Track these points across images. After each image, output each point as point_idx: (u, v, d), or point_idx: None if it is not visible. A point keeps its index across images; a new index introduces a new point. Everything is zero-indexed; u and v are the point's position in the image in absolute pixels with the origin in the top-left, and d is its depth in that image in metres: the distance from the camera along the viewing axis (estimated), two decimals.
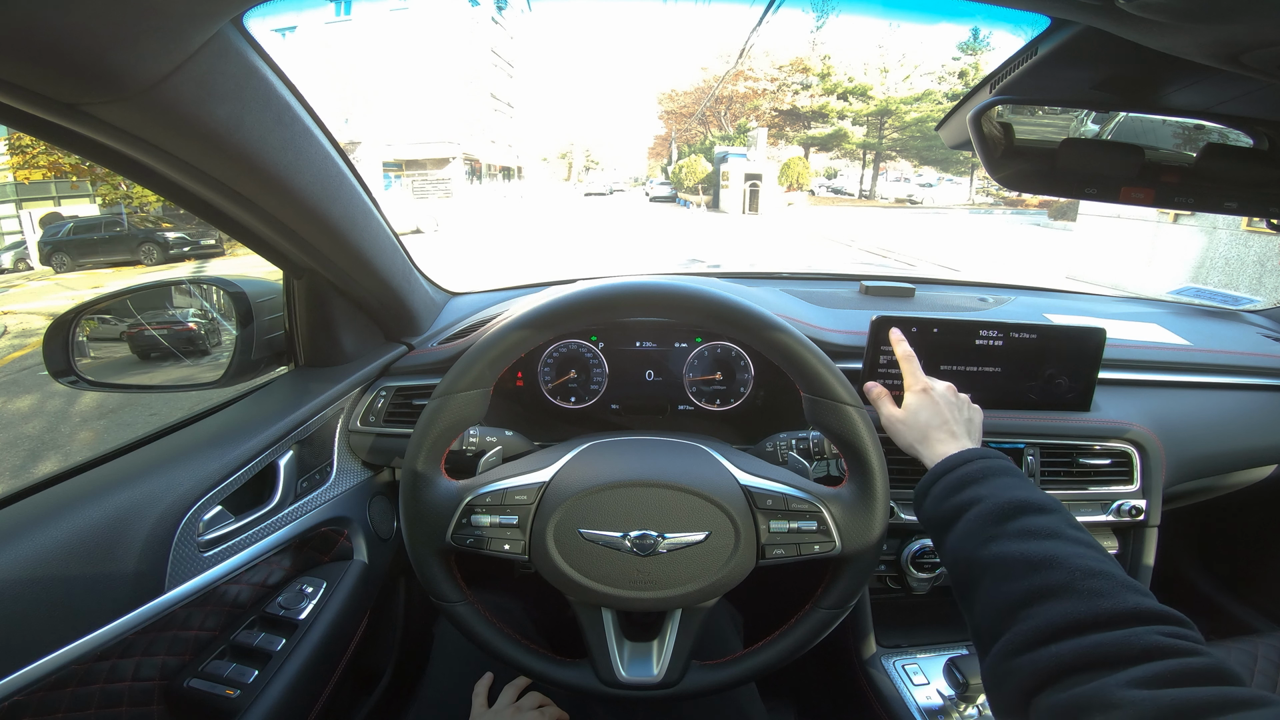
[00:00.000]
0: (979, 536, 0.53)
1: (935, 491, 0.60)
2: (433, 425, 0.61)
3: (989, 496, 0.55)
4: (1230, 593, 1.32)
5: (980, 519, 0.54)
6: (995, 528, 0.52)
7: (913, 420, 0.68)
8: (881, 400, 0.73)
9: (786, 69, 34.29)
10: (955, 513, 0.56)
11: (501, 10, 33.37)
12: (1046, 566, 0.47)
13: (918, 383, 0.70)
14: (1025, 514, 0.52)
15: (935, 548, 0.59)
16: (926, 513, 0.61)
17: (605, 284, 0.62)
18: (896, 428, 0.70)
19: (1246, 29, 0.44)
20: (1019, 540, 0.50)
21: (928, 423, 0.66)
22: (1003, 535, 0.52)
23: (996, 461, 0.59)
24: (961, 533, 0.55)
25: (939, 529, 0.58)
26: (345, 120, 26.82)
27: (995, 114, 0.74)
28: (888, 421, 0.71)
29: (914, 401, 0.69)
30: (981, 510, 0.54)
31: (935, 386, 0.70)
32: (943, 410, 0.67)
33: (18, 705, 0.52)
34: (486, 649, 0.66)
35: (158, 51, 0.43)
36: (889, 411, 0.71)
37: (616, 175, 50.45)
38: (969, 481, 0.58)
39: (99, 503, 0.60)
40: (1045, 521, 0.51)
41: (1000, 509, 0.53)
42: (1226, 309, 1.33)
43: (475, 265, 9.78)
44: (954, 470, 0.59)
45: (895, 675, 0.86)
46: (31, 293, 8.66)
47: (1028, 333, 0.82)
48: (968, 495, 0.56)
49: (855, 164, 33.48)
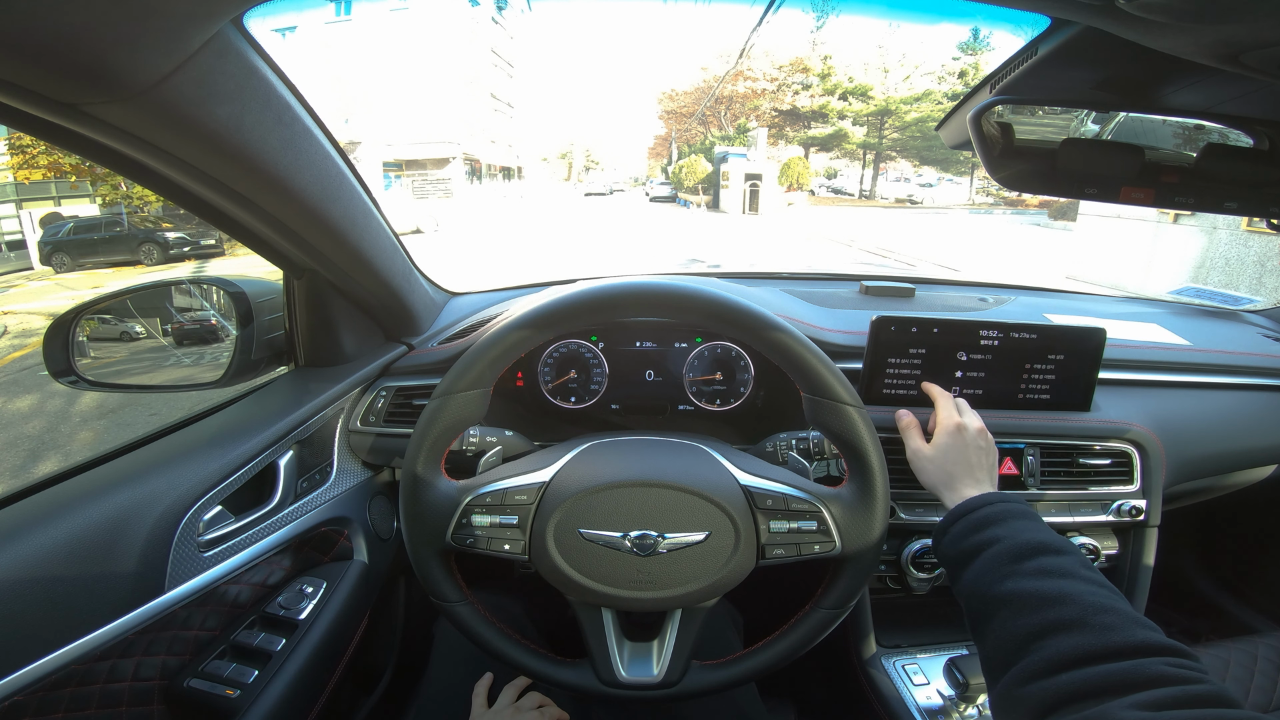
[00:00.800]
0: (995, 574, 0.55)
1: (955, 530, 0.61)
2: (433, 425, 0.61)
3: (1007, 537, 0.57)
4: (1230, 593, 1.32)
5: (997, 557, 0.56)
6: (1011, 566, 0.54)
7: (940, 460, 0.69)
8: (910, 432, 0.74)
9: (786, 69, 34.31)
10: (974, 551, 0.58)
11: (501, 10, 33.37)
12: (1060, 603, 0.49)
13: (951, 421, 0.71)
14: (1042, 554, 0.54)
15: (950, 583, 0.61)
16: (945, 550, 0.62)
17: (605, 284, 0.62)
18: (923, 465, 0.70)
19: (1246, 29, 0.44)
20: (1034, 578, 0.52)
21: (955, 465, 0.68)
22: (1019, 573, 0.53)
23: (1016, 505, 0.61)
24: (978, 569, 0.56)
25: (957, 565, 0.60)
26: (345, 120, 26.82)
27: (995, 114, 0.74)
28: (913, 456, 0.72)
29: (944, 441, 0.70)
30: (999, 549, 0.56)
31: (968, 427, 0.70)
32: (970, 456, 0.68)
33: (18, 705, 0.52)
34: (486, 649, 0.66)
35: (158, 51, 0.43)
36: (917, 445, 0.72)
37: (616, 175, 50.46)
38: (989, 523, 0.59)
39: (99, 503, 0.60)
40: (1060, 562, 0.53)
41: (1018, 549, 0.55)
42: (1226, 309, 1.33)
43: (475, 265, 9.78)
44: (975, 511, 0.61)
45: (895, 675, 0.86)
46: (31, 293, 8.66)
47: (1028, 333, 0.82)
48: (987, 535, 0.58)
49: (855, 164, 33.48)
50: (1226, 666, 0.92)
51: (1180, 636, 0.55)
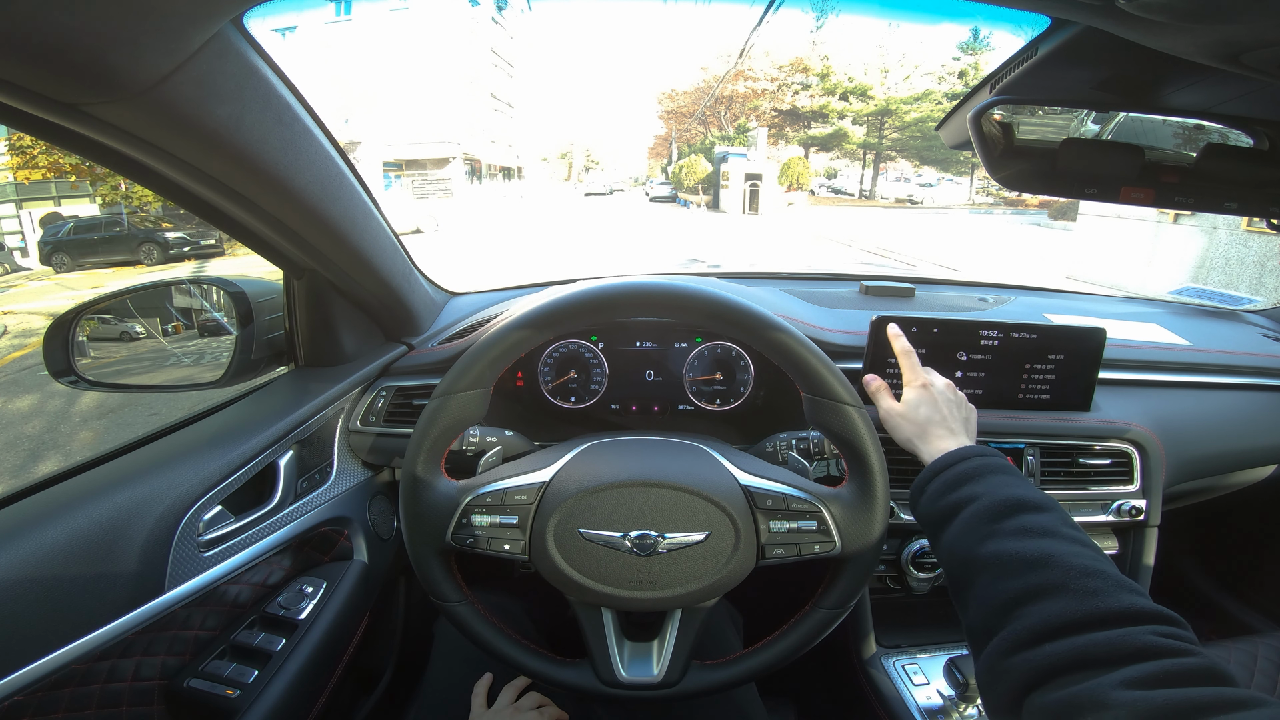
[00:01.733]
0: (975, 534, 0.53)
1: (931, 489, 0.60)
2: (433, 425, 0.61)
3: (985, 494, 0.55)
4: (1230, 593, 1.32)
5: (976, 516, 0.54)
6: (991, 525, 0.52)
7: (912, 415, 0.68)
8: (880, 393, 0.73)
9: (786, 69, 34.30)
10: (952, 510, 0.56)
11: (501, 10, 33.38)
12: (1042, 565, 0.47)
13: (917, 378, 0.70)
14: (1021, 512, 0.52)
15: (930, 545, 0.60)
16: (923, 509, 0.60)
17: (605, 284, 0.62)
18: (895, 421, 0.69)
19: (1246, 29, 0.44)
20: (1015, 538, 0.50)
21: (927, 418, 0.66)
22: (999, 533, 0.51)
23: (993, 459, 0.59)
24: (957, 530, 0.55)
25: (935, 526, 0.58)
26: (345, 120, 26.81)
27: (995, 114, 0.74)
28: (886, 415, 0.71)
29: (913, 396, 0.69)
30: (978, 508, 0.54)
31: (935, 383, 0.69)
32: (941, 407, 0.67)
33: (18, 705, 0.52)
34: (486, 649, 0.66)
35: (158, 51, 0.43)
36: (888, 405, 0.71)
37: (616, 175, 50.47)
38: (966, 479, 0.57)
39: (99, 503, 0.60)
40: (1041, 520, 0.51)
41: (996, 506, 0.53)
42: (1226, 309, 1.33)
43: (475, 265, 9.78)
44: (951, 467, 0.59)
45: (895, 675, 0.86)
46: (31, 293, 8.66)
47: (1028, 333, 0.82)
48: (964, 493, 0.56)
49: (855, 164, 33.49)
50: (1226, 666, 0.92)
51: None
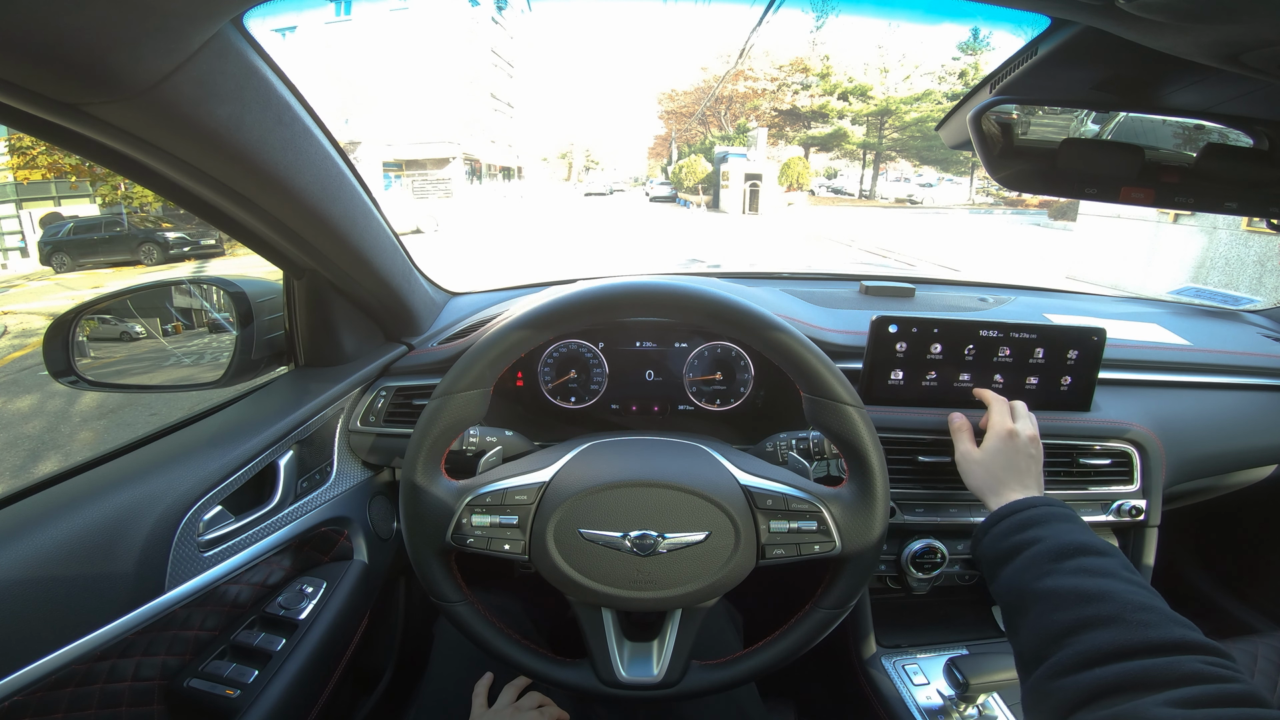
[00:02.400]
0: (1035, 571, 0.55)
1: (997, 530, 0.61)
2: (433, 425, 0.61)
3: (1049, 537, 0.57)
4: (1230, 593, 1.32)
5: (1039, 556, 0.55)
6: (1052, 564, 0.54)
7: (990, 465, 0.69)
8: (961, 435, 0.73)
9: (786, 69, 34.30)
10: (1015, 550, 0.58)
11: (501, 10, 33.37)
12: (1099, 599, 0.49)
13: (1004, 426, 0.70)
14: (1083, 555, 0.54)
15: (988, 581, 0.61)
16: (985, 548, 0.62)
17: (605, 284, 0.62)
18: (970, 468, 0.70)
19: (1246, 29, 0.44)
20: (1074, 576, 0.52)
21: (1004, 471, 0.67)
22: (1059, 571, 0.53)
23: (1060, 509, 0.61)
24: (1018, 567, 0.56)
25: (996, 564, 0.59)
26: (345, 120, 26.81)
27: (995, 114, 0.74)
28: (962, 459, 0.71)
29: (996, 445, 0.69)
30: (1041, 549, 0.56)
31: (1021, 433, 0.70)
32: (1019, 462, 0.68)
33: (18, 705, 0.52)
34: (486, 649, 0.66)
35: (158, 52, 0.43)
36: (966, 449, 0.71)
37: (616, 175, 50.46)
38: (1032, 524, 0.59)
39: (99, 503, 0.60)
40: (1102, 563, 0.53)
41: (1060, 549, 0.55)
42: (1226, 309, 1.33)
43: (475, 265, 9.78)
44: (1019, 513, 0.61)
45: (895, 675, 0.86)
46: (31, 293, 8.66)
47: (1028, 333, 0.82)
48: (1029, 535, 0.58)
49: (855, 164, 33.48)
50: None
51: None
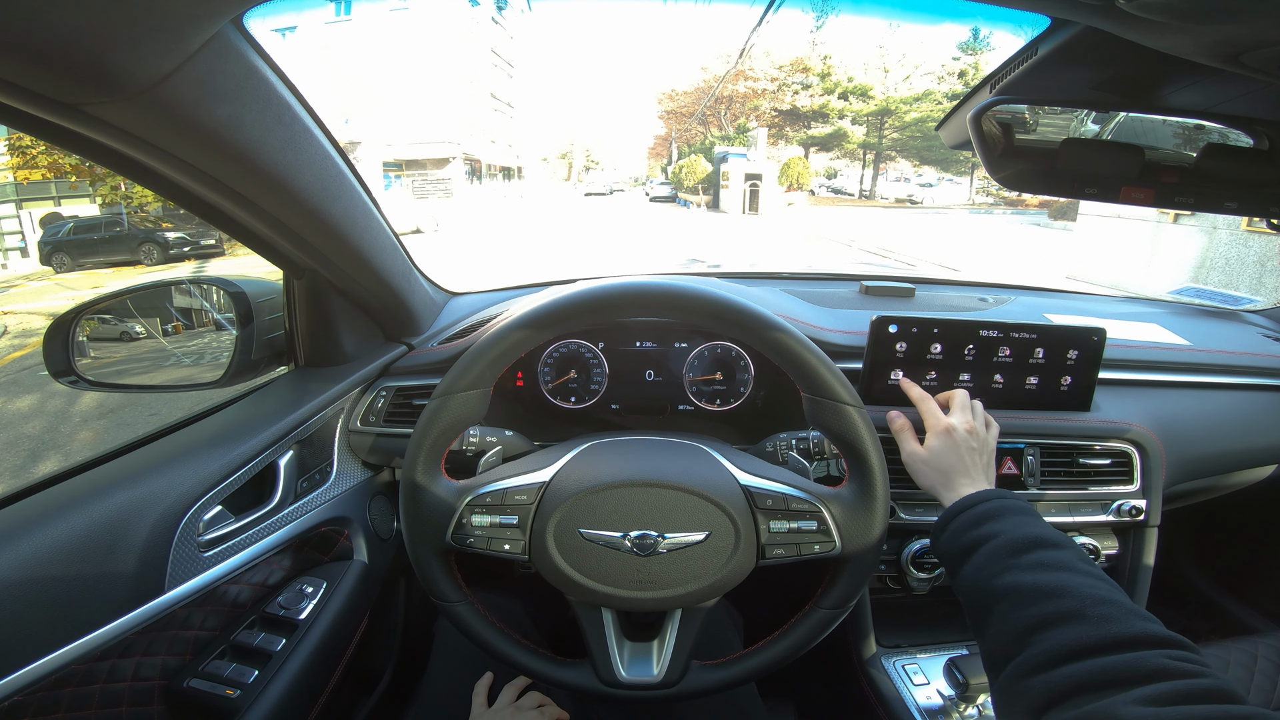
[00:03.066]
0: (994, 568, 0.55)
1: (953, 526, 0.62)
2: (433, 425, 0.61)
3: (1005, 531, 0.57)
4: (1230, 593, 1.32)
5: (996, 552, 0.56)
6: (1010, 560, 0.55)
7: (936, 463, 0.70)
8: (904, 435, 0.74)
9: (786, 69, 34.31)
10: (971, 546, 0.58)
11: (501, 10, 33.37)
12: (1059, 595, 0.49)
13: (939, 423, 0.72)
14: (1039, 548, 0.54)
15: (949, 579, 0.62)
16: (943, 545, 0.62)
17: (605, 284, 0.62)
18: (919, 467, 0.71)
19: (1246, 29, 0.44)
20: (1032, 571, 0.52)
21: (951, 467, 0.68)
22: (1017, 567, 0.54)
23: (1012, 501, 0.61)
24: (977, 564, 0.57)
25: (955, 561, 0.60)
26: (345, 120, 26.80)
27: (995, 114, 0.74)
28: (909, 459, 0.73)
29: (937, 444, 0.70)
30: (997, 544, 0.56)
31: (957, 427, 0.71)
32: (964, 455, 0.69)
33: (18, 705, 0.52)
34: (486, 649, 0.66)
35: (158, 51, 0.43)
36: (911, 448, 0.72)
37: (616, 175, 50.49)
38: (986, 518, 0.60)
39: (99, 503, 0.60)
40: (1058, 555, 0.54)
41: (1015, 543, 0.56)
42: (1226, 309, 1.33)
43: (475, 265, 9.78)
44: (972, 508, 0.62)
45: (895, 675, 0.86)
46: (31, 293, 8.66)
47: (1028, 333, 0.82)
48: (984, 530, 0.59)
49: (855, 164, 33.47)
50: (1226, 666, 0.92)
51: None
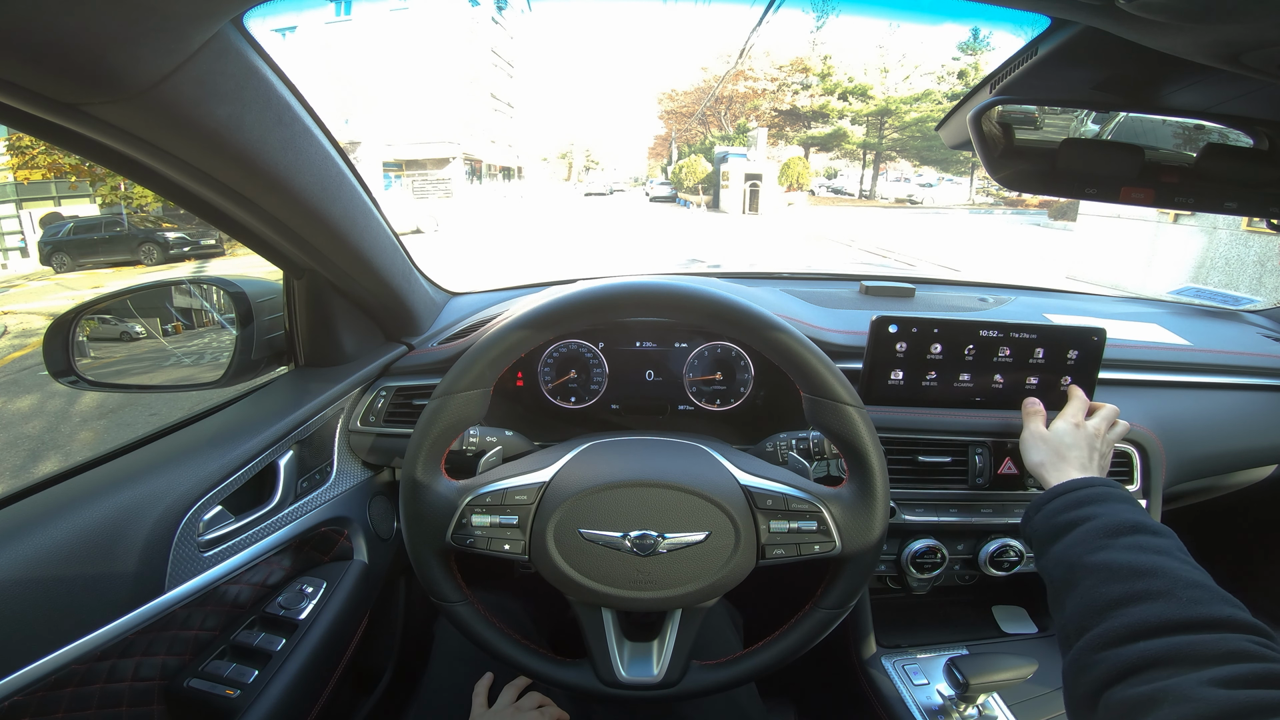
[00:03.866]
0: (1088, 546, 0.54)
1: (1050, 507, 0.61)
2: (433, 425, 0.61)
3: (1105, 514, 0.57)
4: (1230, 593, 1.32)
5: (1093, 532, 0.55)
6: (1106, 540, 0.54)
7: (1054, 441, 0.69)
8: (1034, 417, 0.74)
9: (786, 69, 34.31)
10: (1068, 525, 0.58)
11: (501, 10, 33.37)
12: (1150, 575, 0.49)
13: (1077, 415, 0.72)
14: (1138, 533, 0.54)
15: (1036, 558, 0.61)
16: (1037, 524, 0.62)
17: (605, 284, 0.62)
18: (1034, 442, 0.71)
19: (1246, 29, 0.44)
20: (1128, 552, 0.52)
21: (1066, 448, 0.68)
22: (1112, 547, 0.53)
23: (1118, 490, 0.61)
24: (1070, 541, 0.56)
25: (1047, 540, 0.59)
26: (345, 120, 26.80)
27: (995, 114, 0.74)
28: (1028, 435, 0.73)
29: (1063, 427, 0.71)
30: (1095, 525, 0.56)
31: (1089, 425, 0.71)
32: (1083, 445, 0.68)
33: (18, 705, 0.52)
34: (486, 649, 0.66)
35: (158, 52, 0.43)
36: (1036, 427, 0.73)
37: (616, 175, 50.51)
38: (1088, 501, 0.59)
39: (99, 503, 0.60)
40: (1157, 541, 0.53)
41: (1115, 526, 0.55)
42: (1226, 309, 1.33)
43: (475, 265, 9.78)
44: (1074, 491, 0.61)
45: (895, 675, 0.86)
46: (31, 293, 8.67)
47: (1028, 333, 0.82)
48: (1084, 512, 0.58)
49: (855, 164, 33.48)
50: None
51: None
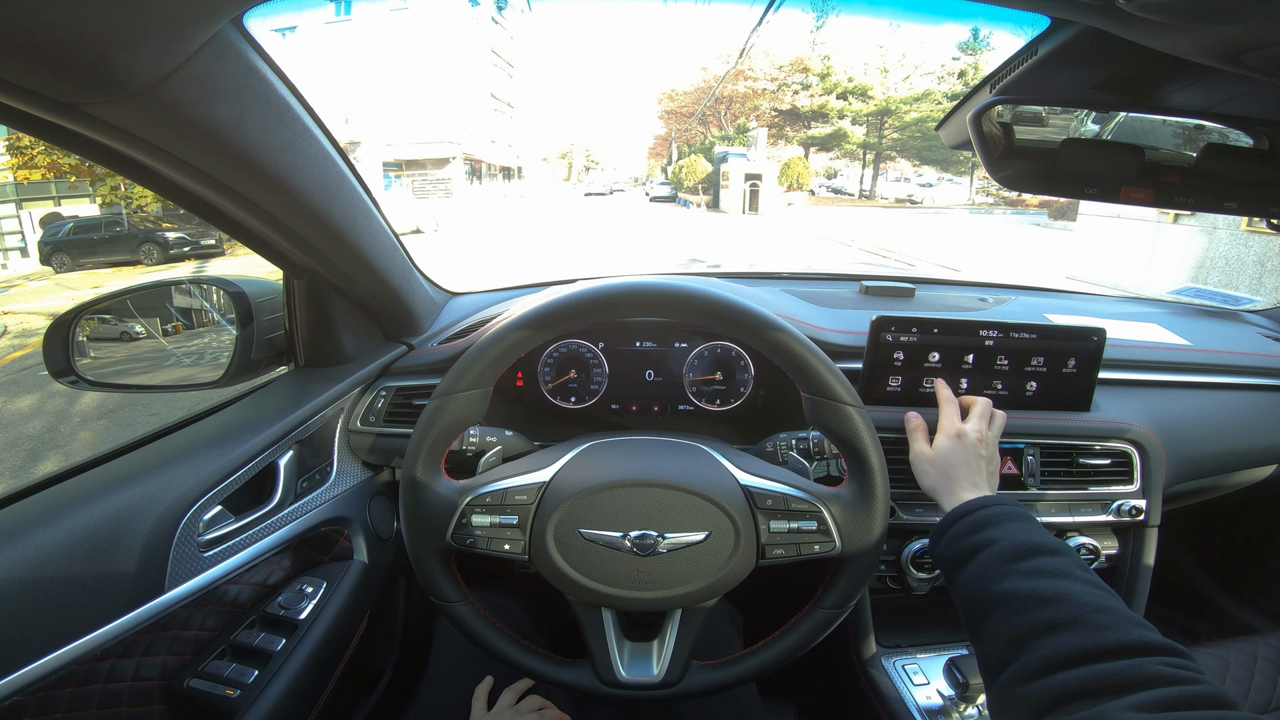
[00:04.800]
0: (992, 574, 0.55)
1: (952, 532, 0.62)
2: (433, 425, 0.61)
3: (1003, 538, 0.57)
4: (1230, 593, 1.32)
5: (994, 558, 0.56)
6: (1008, 566, 0.55)
7: (941, 463, 0.70)
8: (916, 435, 0.75)
9: (786, 69, 34.30)
10: (970, 552, 0.58)
11: (501, 10, 33.37)
12: (1056, 602, 0.49)
13: (953, 426, 0.72)
14: (1038, 555, 0.54)
15: (947, 584, 0.62)
16: (941, 551, 0.62)
17: (605, 284, 0.62)
18: (923, 467, 0.72)
19: (1246, 29, 0.44)
20: (1030, 578, 0.52)
21: (955, 469, 0.69)
22: (1015, 573, 0.54)
23: (1012, 508, 0.61)
24: (975, 570, 0.57)
25: (953, 567, 0.60)
26: (345, 120, 26.79)
27: (995, 114, 0.74)
28: (915, 458, 0.73)
29: (945, 445, 0.71)
30: (995, 550, 0.56)
31: (968, 433, 0.71)
32: (970, 460, 0.69)
33: (18, 705, 0.52)
34: (486, 649, 0.66)
35: (158, 51, 0.43)
36: (920, 448, 0.73)
37: (616, 175, 50.51)
38: (985, 524, 0.60)
39: (99, 503, 0.60)
40: (1056, 563, 0.53)
41: (1014, 550, 0.55)
42: (1226, 309, 1.33)
43: (475, 265, 9.78)
44: (972, 514, 0.62)
45: (895, 675, 0.86)
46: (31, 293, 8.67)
47: (1028, 333, 0.82)
48: (983, 536, 0.59)
49: (855, 164, 33.47)
50: (1226, 666, 0.92)
51: (1179, 636, 0.55)
